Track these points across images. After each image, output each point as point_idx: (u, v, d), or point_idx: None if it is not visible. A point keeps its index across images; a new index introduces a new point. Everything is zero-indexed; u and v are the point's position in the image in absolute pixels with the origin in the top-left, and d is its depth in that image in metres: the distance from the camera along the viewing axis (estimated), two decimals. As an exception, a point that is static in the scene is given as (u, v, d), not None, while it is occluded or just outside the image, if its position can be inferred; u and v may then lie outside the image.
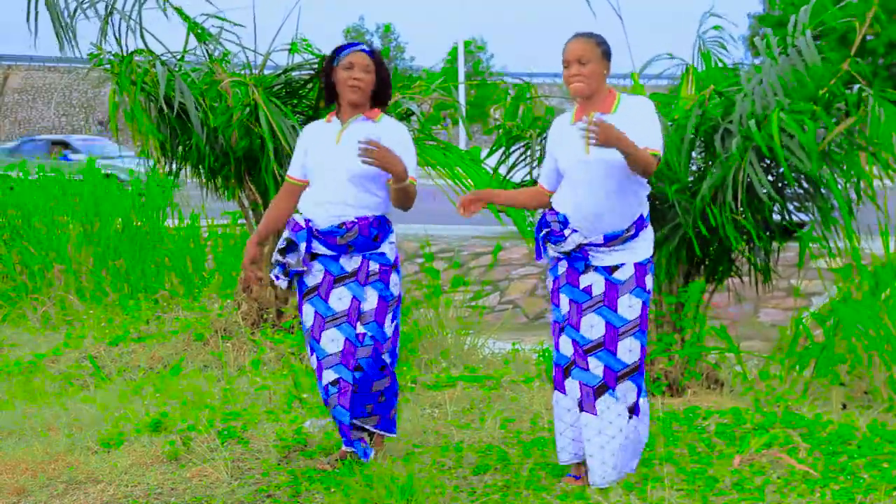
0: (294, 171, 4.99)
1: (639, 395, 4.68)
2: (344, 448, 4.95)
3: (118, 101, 7.16)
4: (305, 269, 4.80)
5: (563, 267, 4.72)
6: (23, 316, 10.14)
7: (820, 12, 6.12)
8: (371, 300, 4.81)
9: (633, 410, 4.67)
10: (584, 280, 4.66)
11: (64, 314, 9.97)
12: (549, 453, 5.16)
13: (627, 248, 4.65)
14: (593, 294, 4.64)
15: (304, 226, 4.80)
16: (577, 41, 4.63)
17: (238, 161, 7.41)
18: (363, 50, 4.88)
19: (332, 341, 4.79)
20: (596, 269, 4.65)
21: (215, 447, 5.24)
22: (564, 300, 4.69)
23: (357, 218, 4.79)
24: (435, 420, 5.85)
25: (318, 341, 4.81)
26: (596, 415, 4.63)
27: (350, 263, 4.81)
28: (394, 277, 4.88)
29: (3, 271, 11.12)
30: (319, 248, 4.81)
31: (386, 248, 4.87)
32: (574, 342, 4.66)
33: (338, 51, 4.88)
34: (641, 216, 4.68)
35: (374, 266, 4.83)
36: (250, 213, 7.84)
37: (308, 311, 4.85)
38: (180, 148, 7.58)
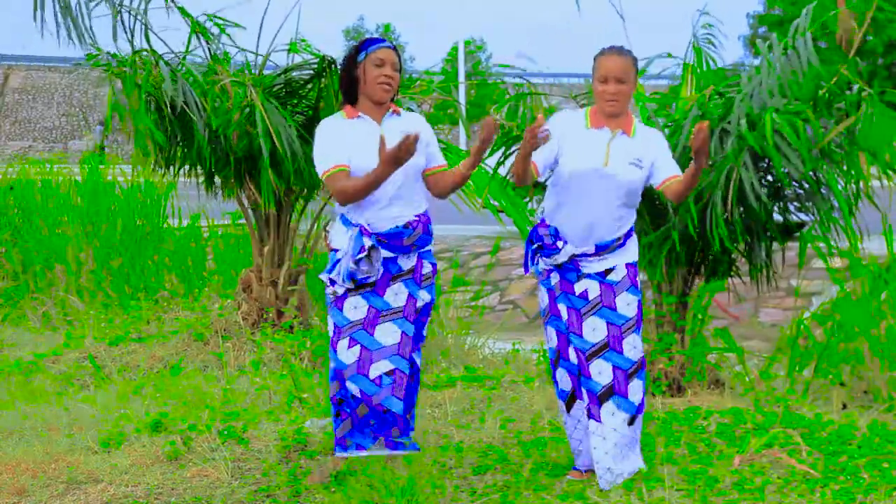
0: (343, 160, 4.62)
1: (643, 391, 4.71)
2: (340, 457, 4.89)
3: (116, 101, 7.15)
4: (379, 272, 4.67)
5: (555, 278, 4.73)
6: (23, 316, 10.14)
7: (821, 13, 6.11)
8: (422, 300, 4.80)
9: (639, 408, 4.69)
10: (579, 287, 4.68)
11: (64, 314, 9.97)
12: (549, 453, 5.17)
13: (616, 254, 4.68)
14: (590, 298, 4.66)
15: (370, 231, 4.65)
16: (619, 58, 4.59)
17: (238, 161, 7.41)
18: (391, 47, 4.71)
19: (388, 334, 4.67)
20: (588, 275, 4.67)
21: (215, 447, 5.24)
22: (563, 309, 4.70)
23: (417, 216, 4.72)
24: (435, 420, 5.85)
25: (370, 333, 4.66)
26: (601, 422, 4.65)
27: (407, 262, 4.75)
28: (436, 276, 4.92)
29: (4, 271, 11.13)
30: (382, 252, 4.69)
31: (431, 245, 4.86)
32: (577, 350, 4.67)
33: (364, 45, 4.70)
34: (631, 227, 4.74)
35: (427, 269, 4.79)
36: (250, 213, 7.85)
37: (359, 304, 4.69)
38: (180, 148, 7.58)
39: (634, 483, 4.66)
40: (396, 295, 4.71)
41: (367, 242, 4.62)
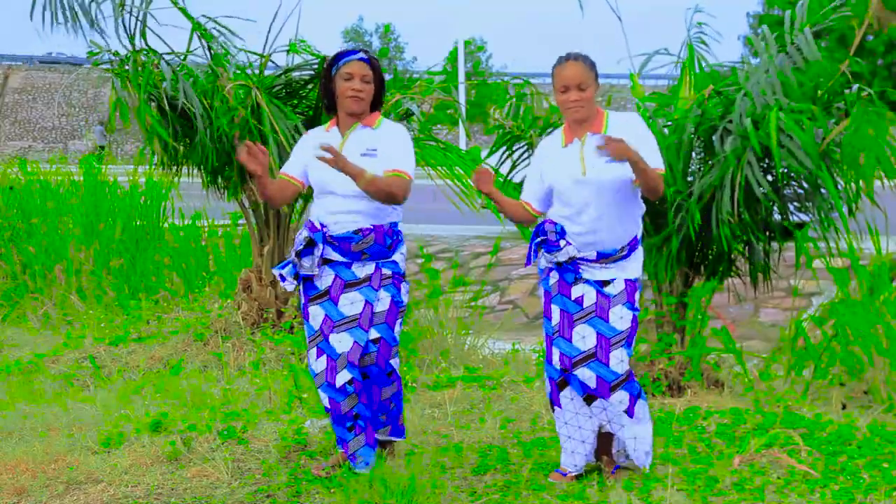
0: (290, 170, 4.92)
1: (633, 400, 4.70)
2: (341, 453, 4.93)
3: (122, 100, 7.14)
4: (316, 272, 4.77)
5: (554, 278, 4.73)
6: (23, 316, 10.15)
7: (817, 11, 6.10)
8: (384, 302, 4.80)
9: (629, 413, 4.68)
10: (576, 291, 4.68)
11: (64, 314, 9.97)
12: (548, 453, 5.17)
13: (618, 266, 4.67)
14: (584, 305, 4.66)
15: (319, 228, 4.78)
16: (575, 65, 4.60)
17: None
18: (361, 59, 4.82)
19: (340, 342, 4.75)
20: (587, 281, 4.66)
21: (215, 447, 5.24)
22: (556, 311, 4.70)
23: (373, 225, 4.77)
24: (435, 420, 5.85)
25: (328, 342, 4.78)
26: (608, 399, 4.67)
27: (362, 270, 4.80)
28: (404, 286, 4.89)
29: (4, 271, 11.13)
30: (332, 255, 4.77)
31: (398, 257, 4.87)
32: (562, 355, 4.66)
33: (336, 59, 4.84)
34: (635, 237, 4.71)
35: (386, 271, 4.82)
36: (251, 213, 7.85)
37: (317, 314, 4.82)
38: (182, 148, 7.57)
39: (634, 483, 4.67)
40: (352, 304, 4.79)
41: (304, 233, 4.77)
